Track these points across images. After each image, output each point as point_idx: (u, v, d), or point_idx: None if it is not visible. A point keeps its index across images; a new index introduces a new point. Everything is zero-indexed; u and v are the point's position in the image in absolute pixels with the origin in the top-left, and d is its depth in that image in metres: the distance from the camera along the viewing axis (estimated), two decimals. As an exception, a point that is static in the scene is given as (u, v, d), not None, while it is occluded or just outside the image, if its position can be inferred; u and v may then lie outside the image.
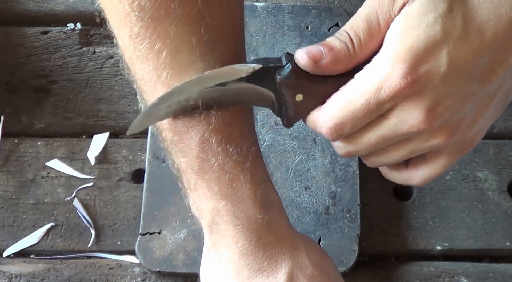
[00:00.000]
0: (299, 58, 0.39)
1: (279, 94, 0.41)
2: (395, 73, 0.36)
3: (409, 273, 0.61)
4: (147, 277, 0.61)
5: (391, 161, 0.43)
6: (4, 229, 0.64)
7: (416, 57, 0.36)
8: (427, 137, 0.40)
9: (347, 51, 0.38)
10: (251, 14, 0.69)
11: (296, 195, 0.62)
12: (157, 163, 0.63)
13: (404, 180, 0.46)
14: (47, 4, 0.74)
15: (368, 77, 0.38)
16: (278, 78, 0.40)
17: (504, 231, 0.63)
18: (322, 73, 0.39)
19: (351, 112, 0.39)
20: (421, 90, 0.37)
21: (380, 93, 0.37)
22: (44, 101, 0.70)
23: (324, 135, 0.41)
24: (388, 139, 0.40)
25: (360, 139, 0.41)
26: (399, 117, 0.38)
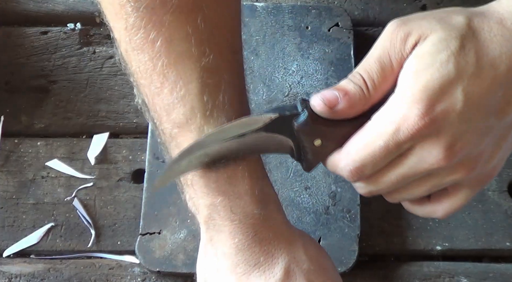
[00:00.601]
0: (315, 105, 0.40)
1: (297, 140, 0.41)
2: (412, 114, 0.37)
3: (409, 273, 0.61)
4: (147, 277, 0.61)
5: (413, 197, 0.44)
6: (4, 229, 0.64)
7: (432, 97, 0.37)
8: (448, 172, 0.40)
9: (362, 94, 0.39)
10: (251, 14, 0.69)
11: (296, 195, 0.62)
12: (157, 163, 0.63)
13: (427, 213, 0.46)
14: (47, 4, 0.74)
15: (385, 119, 0.38)
16: (296, 126, 0.40)
17: (504, 231, 0.63)
18: (338, 117, 0.40)
19: (371, 154, 0.39)
20: (439, 128, 0.38)
21: (398, 135, 0.38)
22: (44, 101, 0.70)
23: (345, 177, 0.42)
24: (409, 177, 0.41)
25: (381, 179, 0.41)
26: (419, 156, 0.39)
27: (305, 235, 0.48)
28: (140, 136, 0.68)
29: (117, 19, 0.41)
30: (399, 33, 0.38)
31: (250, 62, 0.67)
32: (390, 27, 0.39)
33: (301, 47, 0.68)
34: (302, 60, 0.68)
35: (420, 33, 0.38)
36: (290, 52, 0.68)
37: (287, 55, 0.68)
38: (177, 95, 0.41)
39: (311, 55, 0.68)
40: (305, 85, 0.67)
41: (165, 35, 0.40)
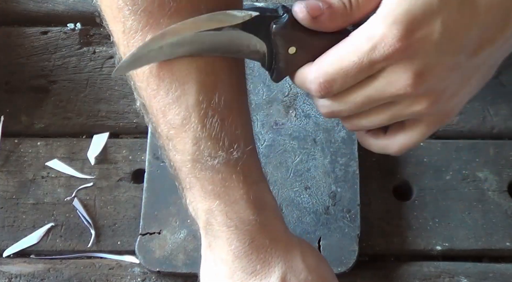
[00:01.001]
0: (298, 11, 0.39)
1: (272, 44, 0.41)
2: (390, 35, 0.37)
3: (409, 273, 0.61)
4: (147, 277, 0.61)
5: (371, 125, 0.44)
6: (4, 229, 0.64)
7: (412, 22, 0.37)
8: (411, 102, 0.40)
9: (344, 10, 0.39)
10: (251, 14, 0.69)
11: (296, 195, 0.62)
12: (157, 163, 0.63)
13: (381, 148, 0.46)
14: (47, 4, 0.74)
15: (363, 36, 0.38)
16: (274, 28, 0.40)
17: (504, 231, 0.63)
18: (317, 28, 0.40)
19: (343, 69, 0.39)
20: (413, 54, 0.38)
21: (374, 53, 0.38)
22: (44, 101, 0.70)
23: (312, 91, 0.41)
24: (374, 100, 0.41)
25: (346, 98, 0.41)
26: (388, 78, 0.39)
27: (304, 243, 0.48)
28: (140, 136, 0.68)
29: (115, 22, 0.41)
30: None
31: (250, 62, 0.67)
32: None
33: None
34: (302, 60, 0.68)
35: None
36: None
37: (287, 55, 0.68)
38: (172, 96, 0.41)
39: (311, 55, 0.68)
40: (305, 85, 0.67)
41: None
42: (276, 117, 0.65)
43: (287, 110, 0.66)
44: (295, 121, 0.65)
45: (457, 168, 0.65)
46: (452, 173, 0.65)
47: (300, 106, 0.66)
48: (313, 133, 0.64)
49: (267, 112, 0.65)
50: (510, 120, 0.68)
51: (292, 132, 0.65)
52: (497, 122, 0.68)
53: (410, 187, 0.65)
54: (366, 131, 0.47)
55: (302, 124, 0.65)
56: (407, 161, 0.66)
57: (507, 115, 0.69)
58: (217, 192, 0.43)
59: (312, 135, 0.64)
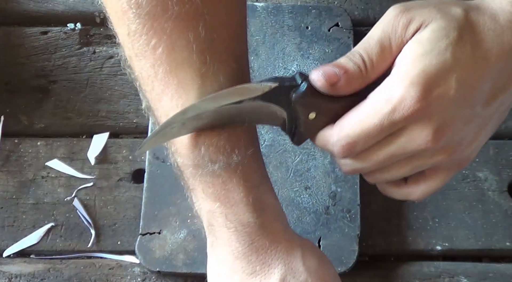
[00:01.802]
0: (315, 80, 0.40)
1: (293, 112, 0.42)
2: (409, 97, 0.38)
3: (409, 273, 0.61)
4: (147, 277, 0.61)
5: (394, 177, 0.45)
6: (4, 229, 0.64)
7: (429, 82, 0.38)
8: (431, 155, 0.42)
9: (360, 73, 0.40)
10: (251, 14, 0.69)
11: (296, 195, 0.62)
12: (157, 163, 0.63)
13: (404, 195, 0.47)
14: (47, 4, 0.74)
15: (382, 98, 0.39)
16: (294, 97, 0.41)
17: (504, 231, 0.63)
18: (335, 94, 0.41)
19: (364, 131, 0.40)
20: (432, 112, 0.39)
21: (394, 115, 0.39)
22: (44, 101, 0.70)
23: (335, 153, 0.42)
24: (396, 157, 0.42)
25: (368, 157, 0.42)
26: (409, 136, 0.40)
27: (307, 243, 0.47)
28: (140, 136, 0.68)
29: (119, 25, 0.41)
30: (401, 19, 0.39)
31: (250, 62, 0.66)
32: (393, 11, 0.40)
33: (301, 47, 0.68)
34: (302, 60, 0.68)
35: (422, 20, 0.39)
36: (290, 52, 0.68)
37: (287, 55, 0.68)
38: (177, 102, 0.41)
39: (311, 55, 0.68)
40: (305, 85, 0.67)
41: (167, 42, 0.40)
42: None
43: (287, 110, 0.66)
44: (295, 121, 0.65)
45: (457, 168, 0.65)
46: (452, 173, 0.65)
47: (300, 106, 0.66)
48: (313, 133, 0.64)
49: (267, 112, 0.65)
50: (510, 120, 0.68)
51: (292, 132, 0.65)
52: (497, 122, 0.68)
53: (410, 187, 0.65)
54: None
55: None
56: (407, 161, 0.66)
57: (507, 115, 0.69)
58: (218, 195, 0.43)
59: (312, 135, 0.64)
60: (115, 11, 0.41)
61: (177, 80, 0.41)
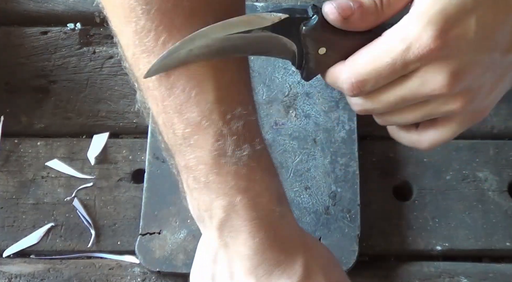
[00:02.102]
0: (328, 12, 0.39)
1: (302, 46, 0.40)
2: (425, 35, 0.37)
3: (409, 273, 0.61)
4: (147, 277, 0.61)
5: (404, 122, 0.43)
6: (4, 229, 0.64)
7: (447, 21, 0.36)
8: (445, 101, 0.40)
9: (375, 8, 0.39)
10: (251, 14, 0.69)
11: (296, 195, 0.62)
12: (157, 163, 0.63)
13: (412, 142, 0.46)
14: (47, 4, 0.74)
15: (397, 36, 0.38)
16: (304, 30, 0.40)
17: (504, 231, 0.63)
18: (348, 29, 0.39)
19: (376, 69, 0.39)
20: (448, 54, 0.37)
21: (408, 53, 0.37)
22: (44, 101, 0.70)
23: (344, 90, 0.41)
24: (408, 100, 0.40)
25: (379, 97, 0.41)
26: (422, 79, 0.39)
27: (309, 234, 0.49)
28: (140, 136, 0.68)
29: (126, 22, 0.41)
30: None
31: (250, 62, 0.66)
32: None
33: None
34: (302, 60, 0.68)
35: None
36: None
37: (287, 55, 0.68)
38: (189, 94, 0.41)
39: (311, 55, 0.68)
40: (305, 85, 0.67)
41: (177, 38, 0.40)
42: (276, 117, 0.65)
43: (287, 110, 0.66)
44: (295, 121, 0.65)
45: (457, 168, 0.65)
46: (452, 173, 0.65)
47: (300, 106, 0.66)
48: (313, 133, 0.64)
49: (267, 112, 0.65)
50: (510, 120, 0.68)
51: (292, 132, 0.65)
52: (497, 122, 0.68)
53: (410, 187, 0.65)
54: None
55: (302, 124, 0.65)
56: (407, 161, 0.66)
57: (507, 115, 0.69)
58: (241, 186, 0.42)
59: (312, 135, 0.64)
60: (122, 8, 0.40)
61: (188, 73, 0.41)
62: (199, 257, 0.47)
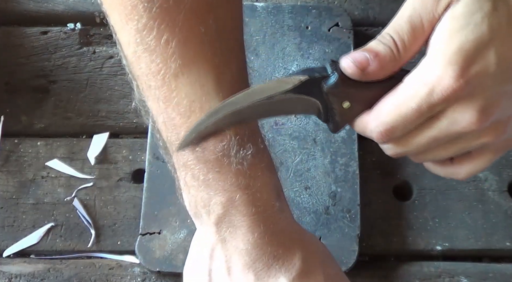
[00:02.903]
0: (346, 67, 0.39)
1: (326, 102, 0.41)
2: (446, 76, 0.37)
3: (409, 273, 0.61)
4: (147, 277, 0.61)
5: (439, 158, 0.43)
6: (4, 229, 0.64)
7: (467, 58, 0.36)
8: (477, 136, 0.40)
9: (392, 56, 0.39)
10: (251, 14, 0.69)
11: (296, 195, 0.62)
12: (157, 163, 0.63)
13: (449, 174, 0.46)
14: (47, 4, 0.74)
15: (418, 80, 0.38)
16: (325, 88, 0.40)
17: (504, 231, 0.63)
18: (368, 79, 0.39)
19: (402, 116, 0.39)
20: (473, 91, 0.37)
21: (432, 96, 0.37)
22: (44, 101, 0.70)
23: (374, 139, 0.41)
24: (439, 139, 0.40)
25: (410, 141, 0.41)
26: (451, 118, 0.38)
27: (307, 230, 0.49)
28: (140, 136, 0.68)
29: (127, 20, 0.41)
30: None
31: (250, 62, 0.67)
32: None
33: (301, 47, 0.68)
34: (302, 60, 0.68)
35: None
36: (290, 52, 0.68)
37: (287, 55, 0.68)
38: (194, 97, 0.41)
39: (311, 55, 0.68)
40: (305, 85, 0.67)
41: (179, 36, 0.40)
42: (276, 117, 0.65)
43: (287, 110, 0.66)
44: (295, 121, 0.65)
45: (457, 168, 0.65)
46: (452, 173, 0.65)
47: (300, 106, 0.66)
48: (313, 133, 0.64)
49: (267, 112, 0.65)
50: (510, 120, 0.68)
51: (292, 132, 0.65)
52: (497, 122, 0.68)
53: (410, 187, 0.65)
54: None
55: (302, 124, 0.65)
56: (407, 161, 0.66)
57: None
58: (241, 183, 0.43)
59: (312, 135, 0.64)
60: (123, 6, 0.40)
61: (191, 73, 0.41)
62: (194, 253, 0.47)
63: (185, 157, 0.43)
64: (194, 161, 0.43)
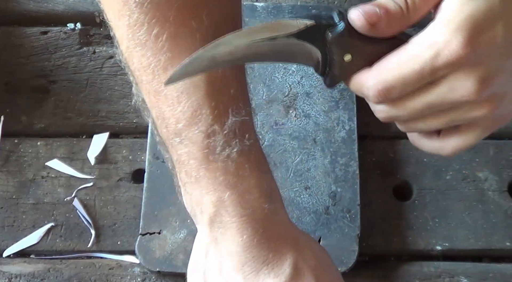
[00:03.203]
0: (355, 19, 0.38)
1: (327, 52, 0.40)
2: (454, 41, 0.36)
3: (409, 273, 0.61)
4: (147, 277, 0.61)
5: (428, 128, 0.43)
6: (4, 229, 0.64)
7: (476, 27, 0.36)
8: (472, 107, 0.40)
9: (401, 14, 0.38)
10: (251, 14, 0.69)
11: (296, 195, 0.62)
12: (157, 163, 0.63)
13: (435, 148, 0.45)
14: (47, 4, 0.74)
15: (425, 42, 0.37)
16: (330, 36, 0.39)
17: (504, 231, 0.63)
18: (374, 35, 0.39)
19: (403, 76, 0.38)
20: (477, 60, 0.37)
21: (436, 60, 0.37)
22: (44, 101, 0.70)
23: (369, 97, 0.41)
24: (434, 106, 0.40)
25: (405, 104, 0.40)
26: (450, 85, 0.38)
27: (305, 233, 0.48)
28: (140, 136, 0.68)
29: (119, 16, 0.41)
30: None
31: (250, 62, 0.67)
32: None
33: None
34: (302, 60, 0.68)
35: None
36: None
37: (287, 55, 0.68)
38: (182, 89, 0.41)
39: (311, 55, 0.68)
40: (305, 85, 0.67)
41: (170, 30, 0.40)
42: (276, 117, 0.65)
43: (287, 110, 0.66)
44: (295, 121, 0.65)
45: (457, 168, 0.65)
46: (452, 173, 0.65)
47: (300, 106, 0.66)
48: (313, 133, 0.64)
49: (267, 112, 0.65)
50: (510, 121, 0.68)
51: (292, 132, 0.65)
52: (497, 122, 0.68)
53: (410, 187, 0.65)
54: None
55: (302, 124, 0.65)
56: (407, 161, 0.66)
57: (507, 115, 0.69)
58: (230, 182, 0.43)
59: (312, 135, 0.64)
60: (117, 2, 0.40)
61: None
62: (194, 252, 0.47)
63: (178, 152, 0.43)
64: (185, 156, 0.43)
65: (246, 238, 0.43)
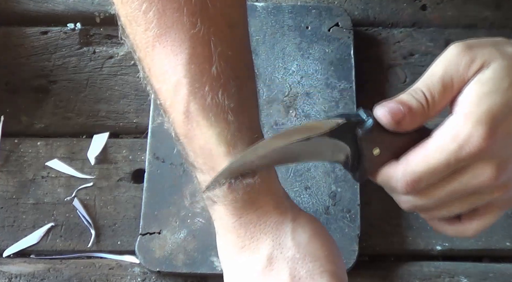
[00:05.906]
0: (382, 117, 0.41)
1: (357, 148, 0.42)
2: (476, 134, 0.39)
3: (409, 273, 0.61)
4: (147, 277, 0.61)
5: (451, 214, 0.45)
6: (4, 229, 0.64)
7: (494, 120, 0.40)
8: (491, 191, 0.43)
9: (423, 111, 0.41)
10: (251, 14, 0.69)
11: (296, 195, 0.62)
12: (157, 163, 0.63)
13: (458, 233, 0.48)
14: (47, 4, 0.74)
15: (448, 136, 0.40)
16: (360, 133, 0.42)
17: (504, 231, 0.63)
18: (399, 130, 0.42)
19: (430, 168, 0.41)
20: (495, 149, 0.40)
21: (460, 152, 0.40)
22: (44, 101, 0.70)
23: (398, 188, 0.43)
24: (456, 193, 0.43)
25: (431, 193, 0.43)
26: (473, 173, 0.41)
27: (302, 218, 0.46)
28: (140, 136, 0.68)
29: None
30: (464, 58, 0.41)
31: (250, 62, 0.67)
32: (454, 50, 0.41)
33: (301, 47, 0.68)
34: (302, 60, 0.68)
35: (484, 60, 0.41)
36: (290, 52, 0.68)
37: (287, 55, 0.68)
38: (169, 65, 0.42)
39: (311, 55, 0.68)
40: (305, 85, 0.67)
41: (158, 6, 0.41)
42: (276, 117, 0.65)
43: (287, 110, 0.66)
44: (295, 121, 0.65)
45: (457, 168, 0.65)
46: (452, 173, 0.65)
47: (300, 106, 0.66)
48: (313, 133, 0.64)
49: (267, 112, 0.65)
50: None
51: (292, 132, 0.64)
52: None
53: (410, 187, 0.65)
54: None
55: (299, 121, 0.65)
56: (407, 161, 0.66)
57: None
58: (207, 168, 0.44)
59: (312, 135, 0.64)
60: None
61: (166, 43, 0.42)
62: None
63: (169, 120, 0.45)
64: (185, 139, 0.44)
65: (225, 223, 0.45)
